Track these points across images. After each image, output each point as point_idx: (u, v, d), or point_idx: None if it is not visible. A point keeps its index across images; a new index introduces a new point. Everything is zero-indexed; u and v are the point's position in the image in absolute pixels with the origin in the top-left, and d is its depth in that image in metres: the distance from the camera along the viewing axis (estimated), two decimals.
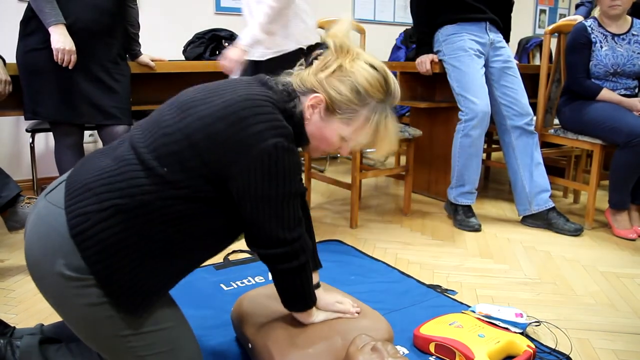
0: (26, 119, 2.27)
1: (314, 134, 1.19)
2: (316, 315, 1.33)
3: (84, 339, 1.09)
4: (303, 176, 3.22)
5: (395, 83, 1.19)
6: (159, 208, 1.03)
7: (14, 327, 1.32)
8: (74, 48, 2.11)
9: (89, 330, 1.06)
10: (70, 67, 2.14)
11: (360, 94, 1.14)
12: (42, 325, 1.33)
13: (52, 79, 2.16)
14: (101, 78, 2.24)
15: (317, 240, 2.41)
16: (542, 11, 6.02)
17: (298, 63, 1.25)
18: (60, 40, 2.08)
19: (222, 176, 1.06)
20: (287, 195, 1.09)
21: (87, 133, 3.57)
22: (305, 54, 1.24)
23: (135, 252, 1.03)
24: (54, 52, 2.10)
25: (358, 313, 1.39)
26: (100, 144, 3.67)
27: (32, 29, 2.17)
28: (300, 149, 1.20)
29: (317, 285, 1.38)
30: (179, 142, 1.05)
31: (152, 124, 1.11)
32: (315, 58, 1.20)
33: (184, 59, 3.16)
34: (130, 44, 2.54)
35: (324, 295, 1.39)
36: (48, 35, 2.09)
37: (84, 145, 3.59)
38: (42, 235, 1.04)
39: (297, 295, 1.24)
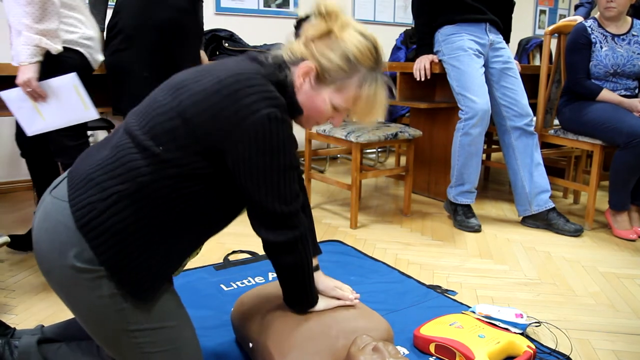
0: (113, 114, 2.42)
1: (305, 103, 1.19)
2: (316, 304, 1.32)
3: (90, 332, 1.10)
4: (303, 176, 3.22)
5: (383, 52, 1.19)
6: (159, 189, 1.04)
7: (14, 329, 1.32)
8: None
9: (97, 323, 1.07)
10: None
11: (350, 62, 1.14)
12: (42, 326, 1.34)
13: (133, 77, 2.24)
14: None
15: (317, 241, 2.41)
16: (542, 12, 6.02)
17: (287, 33, 1.25)
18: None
19: (217, 151, 1.06)
20: (283, 167, 1.08)
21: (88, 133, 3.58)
22: (295, 26, 1.24)
23: (142, 237, 1.04)
24: None
25: (357, 299, 1.39)
26: None
27: (115, 32, 2.25)
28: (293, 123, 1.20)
29: (317, 268, 1.39)
30: (172, 119, 1.05)
31: (146, 107, 1.11)
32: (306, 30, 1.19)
33: None
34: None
35: (323, 278, 1.38)
36: (129, 37, 2.20)
37: None
38: (49, 230, 1.05)
39: (300, 288, 1.24)
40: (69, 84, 1.94)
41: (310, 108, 1.19)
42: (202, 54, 2.60)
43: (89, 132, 3.59)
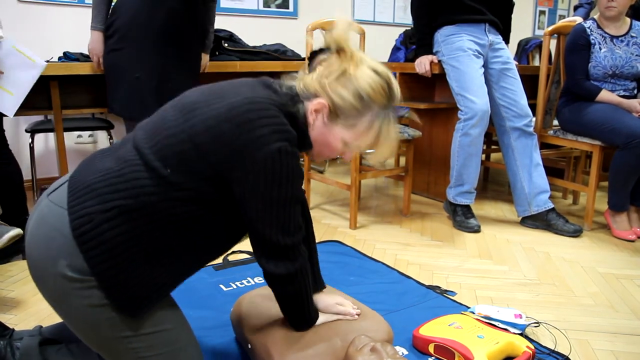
0: (108, 112, 2.47)
1: (317, 139, 1.19)
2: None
3: (84, 339, 1.09)
4: (302, 177, 3.21)
5: (397, 88, 1.19)
6: (162, 209, 1.03)
7: (13, 329, 1.32)
8: (100, 52, 2.32)
9: (89, 331, 1.06)
10: (97, 69, 2.38)
11: (363, 100, 1.14)
12: (41, 327, 1.33)
13: (127, 77, 2.26)
14: (170, 79, 2.29)
15: (316, 242, 2.41)
16: (542, 12, 6.03)
17: (301, 68, 1.25)
18: (91, 44, 2.34)
19: (225, 178, 1.05)
20: (289, 200, 1.09)
21: (86, 133, 3.58)
22: (309, 59, 1.24)
23: (138, 253, 1.03)
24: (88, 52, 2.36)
25: (358, 315, 1.39)
26: (99, 145, 3.68)
27: (112, 32, 2.27)
28: (302, 154, 1.21)
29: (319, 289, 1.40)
30: (182, 143, 1.04)
31: (156, 125, 1.10)
32: (319, 63, 1.20)
33: None
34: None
35: (324, 296, 1.39)
36: (124, 37, 2.24)
37: (83, 145, 3.60)
38: (44, 236, 1.04)
39: (299, 313, 1.26)
40: (8, 48, 1.99)
41: (321, 144, 1.20)
42: (204, 56, 2.60)
43: (89, 132, 3.59)
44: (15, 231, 1.98)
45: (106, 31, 2.30)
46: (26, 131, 3.10)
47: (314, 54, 1.23)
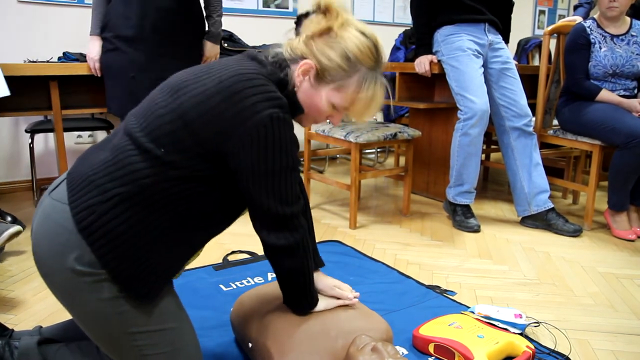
0: (107, 112, 2.52)
1: (304, 101, 1.18)
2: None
3: (90, 334, 1.09)
4: (302, 177, 3.22)
5: (384, 51, 1.19)
6: (161, 191, 1.03)
7: (13, 330, 1.32)
8: (96, 57, 2.36)
9: (97, 326, 1.06)
10: (98, 73, 2.41)
11: (350, 60, 1.13)
12: (41, 327, 1.33)
13: (122, 77, 2.29)
14: (167, 77, 2.28)
15: (316, 241, 2.41)
16: (542, 12, 6.03)
17: (287, 30, 1.24)
18: (88, 50, 2.39)
19: (219, 153, 1.05)
20: (285, 169, 1.08)
21: (86, 133, 3.58)
22: (296, 22, 1.23)
23: (142, 238, 1.03)
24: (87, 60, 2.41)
25: (356, 297, 1.39)
26: None
27: (106, 33, 2.31)
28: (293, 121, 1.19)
29: (317, 268, 1.40)
30: (173, 122, 1.04)
31: (145, 109, 1.10)
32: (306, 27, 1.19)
33: None
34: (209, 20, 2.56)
35: (322, 277, 1.38)
36: (118, 37, 2.27)
37: (83, 145, 3.60)
38: (49, 233, 1.04)
39: (299, 291, 1.24)
40: None
41: (309, 106, 1.19)
42: (212, 46, 2.56)
43: (89, 133, 3.59)
44: (15, 228, 1.98)
45: (101, 33, 2.32)
46: (26, 131, 3.10)
47: (300, 18, 1.22)
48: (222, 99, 1.03)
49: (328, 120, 1.26)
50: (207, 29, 2.56)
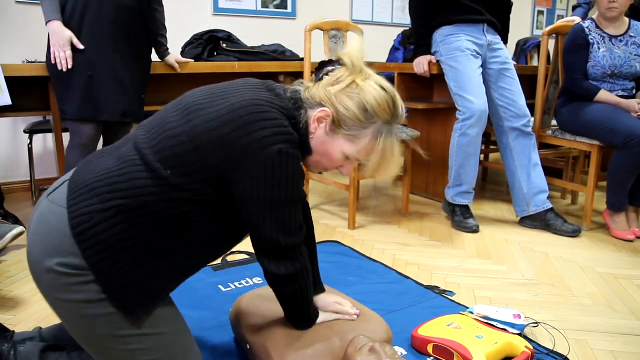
0: (60, 118, 2.36)
1: (317, 148, 1.19)
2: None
3: (80, 340, 1.08)
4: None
5: (402, 106, 1.20)
6: (162, 210, 1.03)
7: (14, 332, 1.32)
8: (66, 40, 2.16)
9: (86, 329, 1.05)
10: (69, 62, 2.18)
11: (367, 112, 1.14)
12: (41, 328, 1.33)
13: (75, 78, 2.21)
14: (121, 76, 2.27)
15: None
16: (540, 12, 6.03)
17: (308, 79, 1.26)
18: (56, 36, 2.16)
19: (226, 180, 1.05)
20: (290, 201, 1.09)
21: None
22: (317, 69, 1.24)
23: (137, 253, 1.03)
24: (51, 53, 2.18)
25: (357, 315, 1.39)
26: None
27: None
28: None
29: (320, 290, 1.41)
30: (183, 144, 1.04)
31: (157, 125, 1.10)
32: (327, 74, 1.20)
33: None
34: (157, 45, 2.58)
35: (323, 295, 1.40)
36: (75, 35, 2.18)
37: None
38: (44, 235, 1.04)
39: (299, 312, 1.26)
40: None
41: (321, 154, 1.20)
42: (170, 57, 2.62)
43: None
44: (18, 229, 1.98)
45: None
46: (25, 132, 3.09)
47: (322, 65, 1.23)
48: (234, 129, 1.04)
49: (338, 169, 1.26)
50: (160, 48, 2.59)
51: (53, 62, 2.19)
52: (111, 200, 1.02)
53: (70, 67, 2.19)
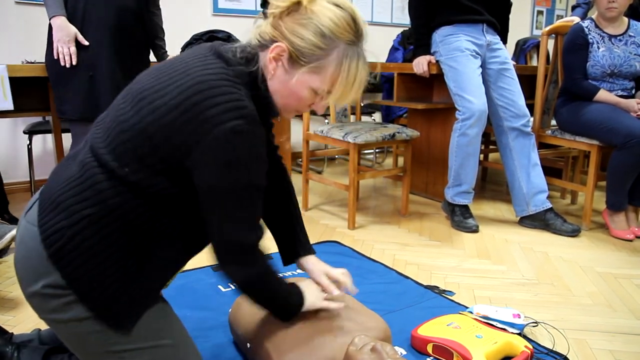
0: (57, 117, 2.38)
1: (280, 91, 1.06)
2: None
3: (78, 355, 1.04)
4: (300, 177, 3.22)
5: (363, 22, 1.06)
6: (128, 211, 0.97)
7: (12, 333, 1.32)
8: (72, 35, 2.15)
9: (81, 346, 1.01)
10: (73, 59, 2.17)
11: (325, 37, 1.01)
12: (40, 330, 1.33)
13: (76, 78, 2.21)
14: (120, 77, 2.27)
15: (315, 242, 2.41)
16: (540, 12, 6.04)
17: (257, 16, 1.13)
18: (58, 34, 2.14)
19: (182, 169, 0.96)
20: (246, 187, 0.97)
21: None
22: (262, 4, 1.17)
23: (114, 263, 0.97)
24: (54, 49, 2.17)
25: (346, 293, 1.35)
26: None
27: None
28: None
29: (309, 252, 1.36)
30: (134, 138, 0.96)
31: (111, 120, 1.02)
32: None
33: None
34: (155, 48, 2.58)
35: (313, 260, 1.34)
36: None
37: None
38: (25, 258, 1.00)
39: (271, 307, 1.21)
40: None
41: (287, 95, 1.07)
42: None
43: None
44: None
45: (50, 31, 2.20)
46: (24, 132, 3.09)
47: (267, 0, 1.10)
48: (181, 112, 0.94)
49: (312, 108, 1.13)
50: (158, 51, 2.58)
51: (56, 57, 2.17)
52: (78, 212, 0.96)
53: (74, 63, 2.17)
